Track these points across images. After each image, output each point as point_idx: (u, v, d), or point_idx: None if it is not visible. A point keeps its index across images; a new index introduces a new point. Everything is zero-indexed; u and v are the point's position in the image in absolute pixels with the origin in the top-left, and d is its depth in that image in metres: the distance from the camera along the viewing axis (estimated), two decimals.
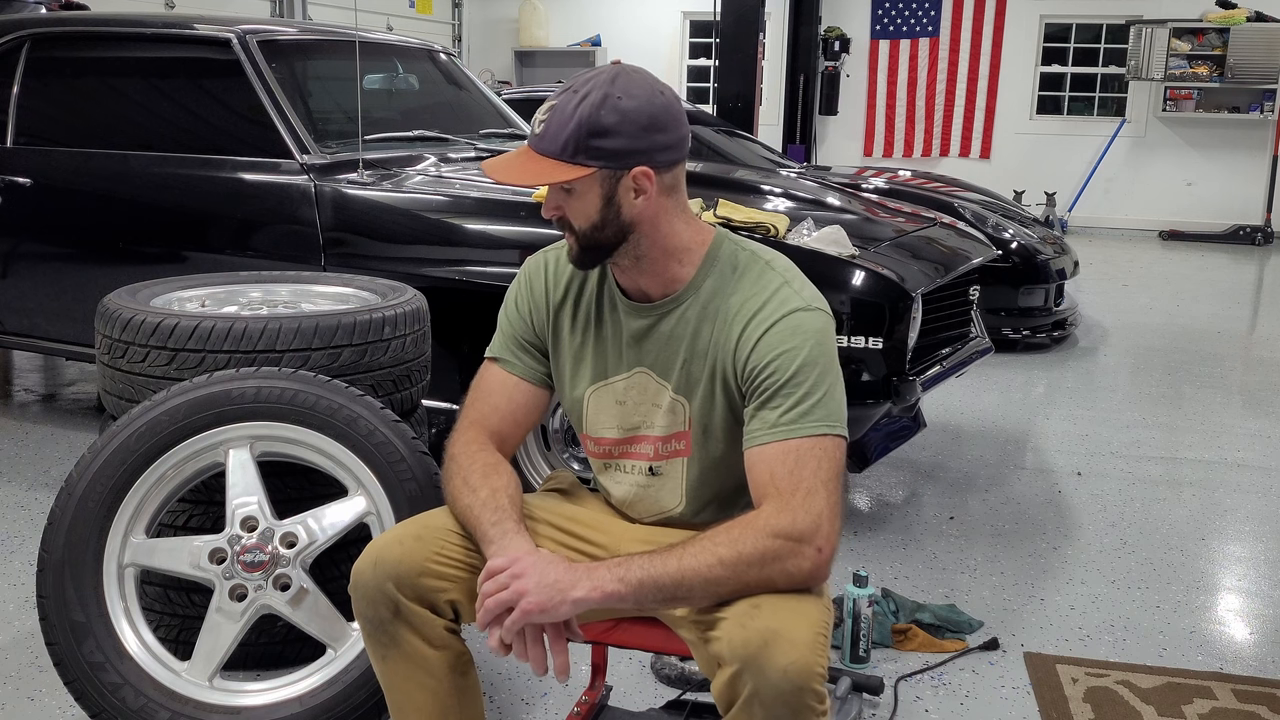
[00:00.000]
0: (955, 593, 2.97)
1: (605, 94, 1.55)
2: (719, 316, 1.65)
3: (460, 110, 4.49)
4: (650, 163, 1.58)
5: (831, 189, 4.37)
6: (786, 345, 1.58)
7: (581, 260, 1.67)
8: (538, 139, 1.58)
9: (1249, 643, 2.77)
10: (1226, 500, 3.77)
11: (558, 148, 1.56)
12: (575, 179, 1.57)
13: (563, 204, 1.61)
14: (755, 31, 8.02)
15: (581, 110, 1.55)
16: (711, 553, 1.48)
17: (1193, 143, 11.48)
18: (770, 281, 1.65)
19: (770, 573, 1.49)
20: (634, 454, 1.75)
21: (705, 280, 1.67)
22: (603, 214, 1.59)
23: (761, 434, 1.58)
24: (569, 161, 1.56)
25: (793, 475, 1.53)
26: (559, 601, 1.50)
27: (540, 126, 1.58)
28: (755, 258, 1.69)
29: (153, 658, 2.12)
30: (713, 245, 1.69)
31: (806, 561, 1.50)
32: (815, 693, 1.42)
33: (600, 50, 12.69)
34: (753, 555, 1.48)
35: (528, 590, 1.50)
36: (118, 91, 4.02)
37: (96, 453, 2.18)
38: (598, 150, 1.55)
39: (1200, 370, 5.60)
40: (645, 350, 1.70)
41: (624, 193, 1.59)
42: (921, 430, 3.70)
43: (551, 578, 1.50)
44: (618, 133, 1.55)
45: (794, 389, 1.57)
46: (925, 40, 11.97)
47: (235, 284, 2.92)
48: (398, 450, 2.19)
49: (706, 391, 1.67)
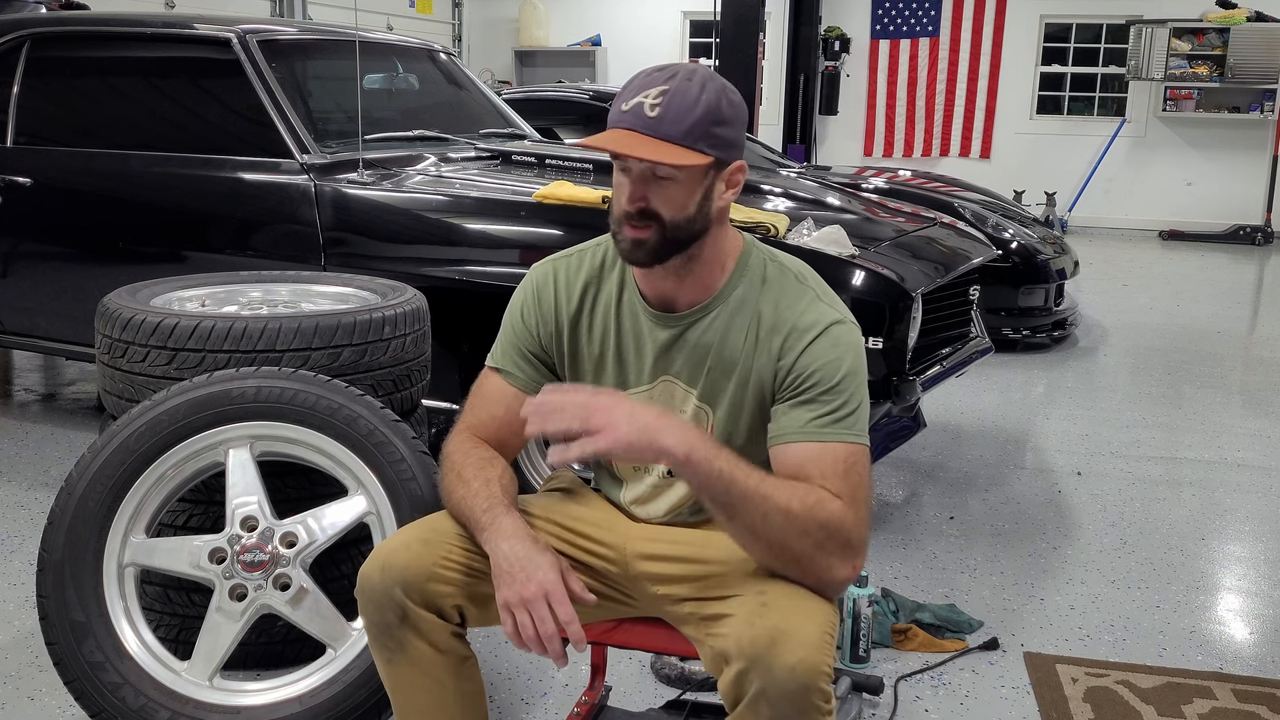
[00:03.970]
0: (955, 593, 2.97)
1: (720, 85, 1.56)
2: (751, 325, 1.65)
3: (460, 110, 4.49)
4: (742, 158, 1.60)
5: (831, 189, 4.37)
6: (831, 355, 1.60)
7: (656, 254, 1.60)
8: (655, 122, 1.52)
9: (1249, 643, 2.77)
10: (1226, 500, 3.77)
11: (681, 131, 1.52)
12: (694, 165, 1.54)
13: (651, 193, 1.57)
14: (755, 31, 8.00)
15: (707, 97, 1.53)
16: (789, 496, 1.48)
17: (1193, 143, 11.48)
18: (802, 294, 1.65)
19: (815, 556, 1.49)
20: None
21: (735, 290, 1.67)
22: (699, 205, 1.58)
23: (796, 432, 1.58)
24: (690, 147, 1.53)
25: (846, 480, 1.54)
26: (647, 444, 1.47)
27: (656, 110, 1.52)
28: (783, 269, 1.69)
29: (153, 657, 2.12)
30: (743, 253, 1.69)
31: (844, 571, 1.52)
32: (822, 691, 1.42)
33: (600, 50, 12.68)
34: (816, 527, 1.48)
35: (618, 424, 1.46)
36: (118, 91, 4.02)
37: (96, 452, 2.18)
38: (717, 139, 1.55)
39: (1200, 370, 5.60)
40: (671, 359, 1.69)
41: (718, 186, 1.59)
42: (921, 430, 3.70)
43: (642, 420, 1.48)
44: (733, 123, 1.56)
45: (836, 396, 1.58)
46: (925, 40, 11.96)
47: (235, 284, 2.92)
48: (398, 450, 2.19)
49: (735, 399, 1.66)
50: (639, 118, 1.53)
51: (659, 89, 1.54)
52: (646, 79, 1.56)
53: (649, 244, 1.58)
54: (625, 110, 1.55)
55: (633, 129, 1.53)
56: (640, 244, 1.59)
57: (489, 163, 3.86)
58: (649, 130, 1.53)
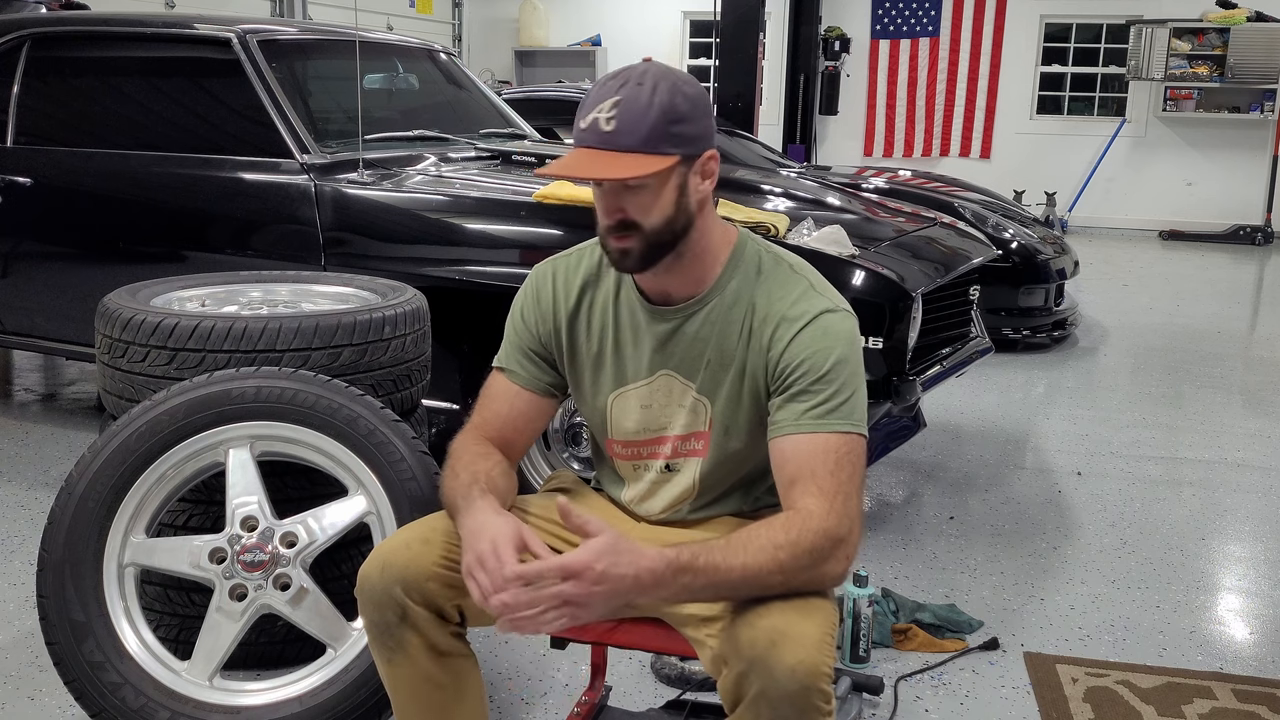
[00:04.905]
0: (955, 593, 2.97)
1: (672, 82, 1.55)
2: (745, 318, 1.65)
3: (460, 110, 4.49)
4: (712, 146, 1.60)
5: (831, 189, 4.37)
6: (820, 344, 1.60)
7: (643, 260, 1.60)
8: (612, 135, 1.52)
9: (1249, 643, 2.77)
10: (1226, 500, 3.77)
11: (639, 140, 1.51)
12: (661, 169, 1.53)
13: (626, 204, 1.56)
14: (755, 31, 8.01)
15: (659, 99, 1.52)
16: (772, 553, 1.46)
17: (1193, 143, 11.48)
18: (796, 284, 1.66)
19: (810, 578, 1.49)
20: (657, 454, 1.76)
21: (730, 282, 1.67)
22: (676, 204, 1.57)
23: (791, 424, 1.58)
24: (652, 152, 1.52)
25: (834, 476, 1.53)
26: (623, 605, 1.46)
27: (611, 123, 1.51)
28: (779, 261, 1.69)
29: (153, 657, 2.12)
30: (737, 246, 1.69)
31: (839, 565, 1.51)
32: (822, 692, 1.42)
33: (600, 50, 12.68)
34: (806, 560, 1.48)
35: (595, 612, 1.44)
36: (118, 91, 4.02)
37: (96, 452, 2.18)
38: (679, 137, 1.54)
39: (1200, 370, 5.60)
40: (669, 353, 1.70)
41: (693, 180, 1.59)
42: (921, 430, 3.70)
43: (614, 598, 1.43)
44: (692, 118, 1.55)
45: (826, 385, 1.58)
46: (925, 40, 11.96)
47: (235, 284, 2.92)
48: (398, 450, 2.19)
49: (732, 392, 1.67)
50: (596, 134, 1.53)
51: (611, 100, 1.53)
52: (600, 90, 1.55)
53: (634, 252, 1.59)
54: (584, 128, 1.55)
55: (593, 146, 1.53)
56: (626, 253, 1.60)
57: (489, 163, 3.86)
58: (607, 145, 1.52)
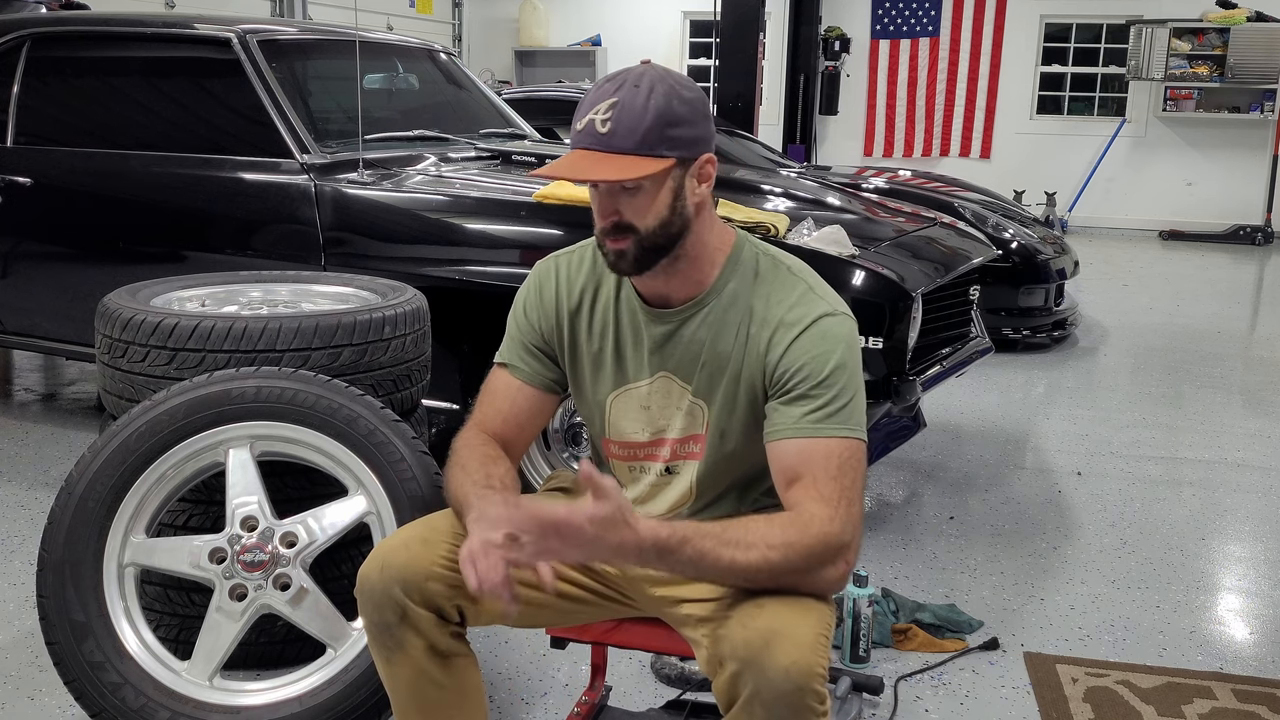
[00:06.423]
0: (955, 593, 2.97)
1: (669, 85, 1.54)
2: (743, 321, 1.65)
3: (460, 110, 4.49)
4: (710, 149, 1.60)
5: (831, 189, 4.37)
6: (819, 349, 1.59)
7: (639, 262, 1.60)
8: (608, 137, 1.52)
9: (1249, 643, 2.77)
10: (1226, 500, 3.77)
11: (634, 142, 1.52)
12: (656, 172, 1.53)
13: (621, 206, 1.57)
14: (755, 31, 8.01)
15: (655, 102, 1.52)
16: (766, 548, 1.46)
17: (1193, 143, 11.48)
18: (794, 287, 1.65)
19: (806, 579, 1.49)
20: (656, 456, 1.76)
21: (727, 284, 1.67)
22: (672, 208, 1.57)
23: (790, 427, 1.57)
24: (648, 155, 1.52)
25: (836, 481, 1.53)
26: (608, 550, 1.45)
27: (607, 125, 1.52)
28: (776, 263, 1.69)
29: (153, 657, 2.12)
30: (734, 248, 1.69)
31: (839, 571, 1.51)
32: (816, 693, 1.42)
33: (600, 50, 12.68)
34: (804, 559, 1.48)
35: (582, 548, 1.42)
36: (118, 91, 4.02)
37: (96, 452, 2.18)
38: (675, 140, 1.54)
39: (1200, 370, 5.60)
40: (667, 355, 1.70)
41: (689, 184, 1.59)
42: (921, 430, 3.70)
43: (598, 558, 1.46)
44: (689, 121, 1.55)
45: (826, 389, 1.57)
46: (925, 40, 11.96)
47: (235, 284, 2.91)
48: (398, 450, 2.19)
49: (728, 395, 1.67)
50: (592, 135, 1.53)
51: (608, 102, 1.53)
52: (597, 93, 1.56)
53: (630, 254, 1.59)
54: (580, 130, 1.55)
55: (589, 148, 1.53)
56: (622, 255, 1.60)
57: (489, 163, 3.86)
58: (603, 147, 1.52)
